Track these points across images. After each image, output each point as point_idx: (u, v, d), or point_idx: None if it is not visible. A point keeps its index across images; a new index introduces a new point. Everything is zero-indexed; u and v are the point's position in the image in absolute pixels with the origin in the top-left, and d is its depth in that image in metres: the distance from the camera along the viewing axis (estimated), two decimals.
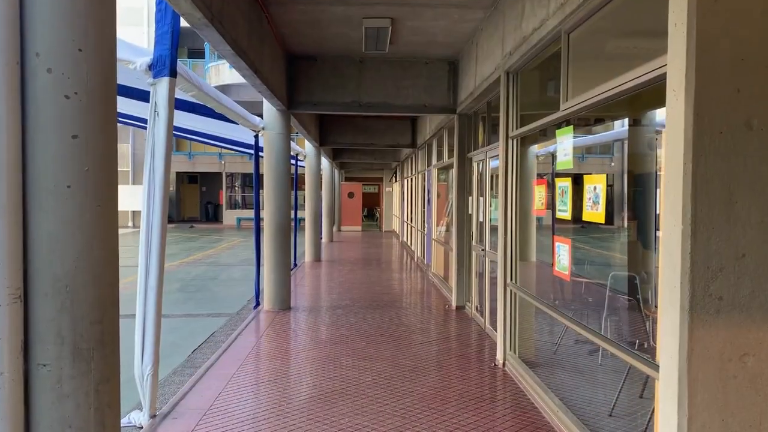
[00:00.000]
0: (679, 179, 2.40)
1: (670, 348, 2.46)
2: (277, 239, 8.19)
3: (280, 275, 8.22)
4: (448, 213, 10.40)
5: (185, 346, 6.74)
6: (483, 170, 7.26)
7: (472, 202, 7.93)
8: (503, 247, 5.58)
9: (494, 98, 6.74)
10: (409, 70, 8.23)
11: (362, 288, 10.23)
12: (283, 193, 8.23)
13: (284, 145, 8.24)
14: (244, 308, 8.90)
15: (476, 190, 7.76)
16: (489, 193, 6.95)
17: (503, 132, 5.54)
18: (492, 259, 6.85)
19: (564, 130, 4.11)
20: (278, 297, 8.24)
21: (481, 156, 7.28)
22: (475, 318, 7.66)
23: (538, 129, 4.71)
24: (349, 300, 9.05)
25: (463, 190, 8.31)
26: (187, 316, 8.44)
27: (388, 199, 27.63)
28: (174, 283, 11.55)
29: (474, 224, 7.90)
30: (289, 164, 8.37)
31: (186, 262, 15.09)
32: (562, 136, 4.12)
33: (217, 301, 9.70)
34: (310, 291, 9.96)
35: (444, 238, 10.49)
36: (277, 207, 8.19)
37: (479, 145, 7.62)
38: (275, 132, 8.18)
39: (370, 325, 7.33)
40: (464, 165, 8.28)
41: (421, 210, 14.05)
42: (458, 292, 8.37)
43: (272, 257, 8.20)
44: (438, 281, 10.64)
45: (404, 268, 13.46)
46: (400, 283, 11.00)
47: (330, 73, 8.18)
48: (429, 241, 12.10)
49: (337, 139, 14.19)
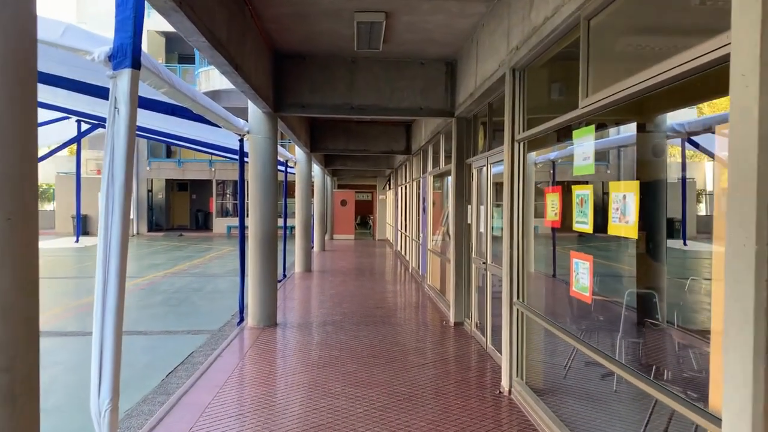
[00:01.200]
0: (752, 185, 1.89)
1: (739, 402, 1.94)
2: (262, 250, 7.64)
3: (265, 289, 7.66)
4: (444, 222, 9.89)
5: (160, 368, 6.17)
6: (483, 177, 6.76)
7: (472, 211, 7.43)
8: (508, 261, 5.07)
9: (496, 100, 6.25)
10: (404, 71, 7.74)
11: (354, 301, 9.68)
12: (269, 200, 7.70)
13: (271, 150, 7.71)
14: (227, 324, 8.33)
15: (476, 198, 7.26)
16: (490, 202, 6.44)
17: (508, 135, 5.04)
18: (494, 273, 6.33)
19: (583, 131, 3.61)
20: (264, 313, 7.68)
21: (482, 162, 6.78)
22: (476, 336, 7.13)
23: (551, 130, 4.21)
24: (341, 315, 8.50)
25: (462, 198, 7.80)
26: (166, 333, 7.86)
27: (381, 207, 27.11)
28: (156, 295, 10.96)
29: (473, 235, 7.39)
30: (275, 170, 7.84)
31: (171, 273, 14.49)
32: (581, 138, 3.61)
33: (200, 315, 9.12)
34: (299, 305, 9.40)
35: (440, 249, 9.97)
36: (262, 216, 7.64)
37: (479, 150, 7.12)
38: (261, 136, 7.65)
39: (363, 344, 6.79)
40: (463, 172, 7.78)
41: (415, 219, 13.54)
42: (456, 307, 7.84)
43: (257, 270, 7.65)
44: (434, 294, 10.11)
45: (398, 279, 12.92)
46: (395, 295, 10.46)
47: (320, 74, 7.67)
48: (424, 251, 11.58)
49: (328, 145, 13.67)
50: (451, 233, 8.01)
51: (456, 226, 7.80)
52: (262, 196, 7.65)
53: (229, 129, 7.23)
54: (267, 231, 7.66)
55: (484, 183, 6.81)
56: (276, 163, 7.85)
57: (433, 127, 9.85)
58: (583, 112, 3.52)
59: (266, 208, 7.67)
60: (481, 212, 6.88)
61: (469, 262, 7.68)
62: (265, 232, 7.64)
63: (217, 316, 8.90)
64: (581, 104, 3.55)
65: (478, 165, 7.06)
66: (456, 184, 7.80)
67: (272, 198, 7.73)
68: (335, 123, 13.61)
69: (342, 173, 25.86)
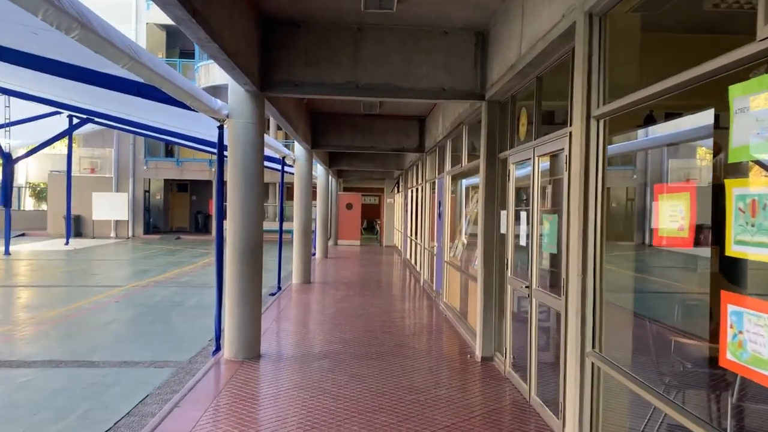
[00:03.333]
0: None
1: None
2: (243, 264, 6.11)
3: (246, 313, 6.13)
4: (466, 231, 8.33)
5: (99, 423, 4.64)
6: (528, 174, 5.21)
7: (507, 218, 5.87)
8: (579, 292, 3.51)
9: (550, 71, 4.70)
10: (422, 42, 6.20)
11: (357, 324, 8.12)
12: (252, 202, 6.17)
13: (255, 139, 6.19)
14: (200, 353, 6.79)
15: (512, 202, 5.71)
16: (537, 207, 4.88)
17: (581, 111, 3.49)
18: (541, 301, 4.77)
19: (756, 83, 2.05)
20: (243, 342, 6.15)
21: (525, 155, 5.22)
22: (512, 379, 5.56)
23: (676, 91, 2.65)
24: (340, 343, 6.95)
25: (493, 201, 6.25)
26: (123, 364, 6.33)
27: (389, 212, 25.55)
28: (129, 310, 9.45)
29: (509, 249, 5.82)
30: (261, 164, 6.32)
31: (155, 281, 12.99)
32: (751, 96, 2.06)
33: (172, 339, 7.59)
34: (292, 327, 7.85)
35: (462, 262, 8.40)
36: (244, 221, 6.12)
37: (520, 140, 5.56)
38: (243, 121, 6.13)
39: (367, 389, 5.23)
40: (495, 168, 6.23)
41: (428, 225, 11.98)
42: (485, 337, 6.27)
43: (236, 289, 6.12)
44: (452, 315, 8.54)
45: (408, 294, 11.35)
46: (405, 315, 8.90)
47: (317, 45, 6.15)
48: (440, 262, 10.02)
49: (331, 140, 12.15)
50: (478, 246, 6.45)
51: (485, 237, 6.25)
52: (244, 196, 6.13)
53: (201, 110, 5.72)
54: (249, 240, 6.13)
55: (528, 182, 5.26)
56: (262, 156, 6.33)
57: (453, 118, 8.30)
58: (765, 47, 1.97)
59: (248, 212, 6.15)
60: (522, 220, 5.32)
61: (502, 282, 6.12)
62: (246, 241, 6.12)
63: (192, 341, 7.37)
64: (761, 34, 1.99)
65: (518, 159, 5.51)
66: (486, 185, 6.25)
67: (256, 199, 6.21)
68: (339, 117, 12.09)
69: (348, 174, 24.35)
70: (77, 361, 6.41)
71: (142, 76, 4.18)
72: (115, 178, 29.05)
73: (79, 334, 7.69)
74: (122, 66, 3.86)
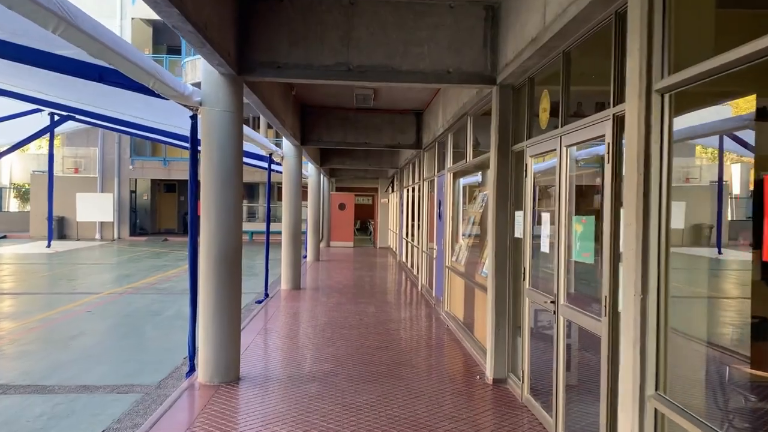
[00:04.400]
0: None
1: None
2: (218, 274, 5.30)
3: (222, 330, 5.32)
4: (468, 233, 7.55)
5: None
6: (550, 169, 4.44)
7: (524, 220, 5.09)
8: (638, 319, 2.72)
9: (579, 45, 3.92)
10: (425, 18, 5.41)
11: (351, 337, 7.32)
12: (229, 202, 5.37)
13: (233, 130, 5.38)
14: (172, 375, 5.97)
15: (530, 201, 4.93)
16: (565, 207, 4.10)
17: (639, 83, 2.71)
18: (574, 321, 3.99)
19: None
20: (219, 363, 5.33)
21: (547, 146, 4.45)
22: (531, 407, 4.78)
23: None
24: (331, 362, 6.15)
25: (506, 201, 5.46)
26: (82, 390, 5.50)
27: (383, 212, 24.75)
28: (102, 321, 8.61)
29: (526, 255, 5.04)
30: (239, 159, 5.51)
31: (135, 288, 12.13)
32: None
33: (142, 357, 6.76)
34: (278, 342, 7.04)
35: (465, 267, 7.61)
36: (219, 224, 5.31)
37: (541, 129, 4.77)
38: (218, 109, 5.32)
39: (361, 423, 4.44)
40: (508, 163, 5.44)
41: (426, 226, 11.20)
42: (497, 356, 5.48)
43: (211, 302, 5.31)
44: (455, 326, 7.75)
45: (405, 301, 10.56)
46: (402, 326, 8.10)
47: (304, 21, 5.35)
48: (440, 267, 9.23)
49: (322, 136, 11.34)
50: (488, 251, 5.66)
51: (497, 242, 5.46)
52: (220, 195, 5.32)
53: (167, 95, 4.91)
54: (226, 246, 5.33)
55: (550, 177, 4.49)
56: (240, 149, 5.52)
57: (456, 109, 7.51)
58: None
59: (225, 213, 5.34)
60: (546, 222, 4.54)
61: (517, 293, 5.33)
62: (222, 246, 5.31)
63: (165, 359, 6.55)
64: None
65: (538, 151, 4.73)
66: (497, 182, 5.46)
67: (234, 198, 5.40)
68: (331, 111, 11.28)
69: (340, 174, 23.53)
70: (29, 386, 5.57)
71: (82, 46, 3.37)
72: (100, 178, 28.07)
73: (38, 352, 6.84)
74: (52, 31, 3.04)
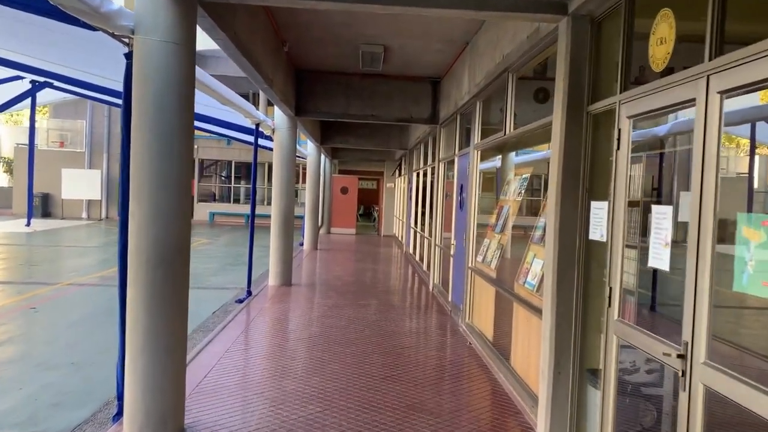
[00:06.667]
0: None
1: None
2: (151, 284, 3.61)
3: (156, 364, 3.64)
4: (501, 228, 5.84)
5: None
6: (663, 137, 2.70)
7: (610, 215, 3.36)
8: None
9: None
10: None
11: (347, 360, 5.65)
12: (170, 179, 3.67)
13: (179, 71, 3.65)
14: (94, 418, 4.30)
15: (625, 186, 3.20)
16: (713, 200, 2.38)
17: None
18: (709, 384, 2.27)
19: None
20: (152, 411, 3.65)
21: (672, 96, 2.71)
22: None
23: None
24: (318, 402, 4.47)
25: (576, 186, 3.74)
26: None
27: (389, 197, 23.01)
28: (39, 324, 6.95)
29: (615, 269, 3.31)
30: (189, 116, 3.80)
31: (101, 277, 10.47)
32: None
33: (70, 383, 5.09)
34: (250, 369, 5.36)
35: (497, 271, 5.88)
36: (154, 211, 3.61)
37: (654, 71, 3.00)
38: (158, 39, 3.59)
39: None
40: (581, 131, 3.72)
41: (442, 216, 9.48)
42: (555, 412, 3.78)
43: (141, 325, 3.62)
44: (481, 345, 6.06)
45: (415, 304, 8.88)
46: (414, 342, 6.42)
47: None
48: (460, 267, 7.54)
49: (321, 106, 9.58)
50: (546, 257, 3.94)
51: (560, 245, 3.75)
52: (155, 168, 3.62)
53: (76, 13, 3.18)
54: (164, 244, 3.63)
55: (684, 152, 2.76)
56: (191, 100, 3.81)
57: (491, 66, 5.77)
58: None
59: (164, 196, 3.64)
60: (664, 220, 2.80)
61: (591, 323, 3.63)
62: (158, 245, 3.61)
63: (97, 389, 4.89)
64: None
65: (644, 108, 2.99)
66: (564, 158, 3.73)
67: (178, 173, 3.70)
68: (331, 76, 9.52)
69: (343, 155, 21.77)
70: None
71: None
72: (88, 153, 26.37)
73: None
74: None
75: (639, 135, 3.25)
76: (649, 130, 3.41)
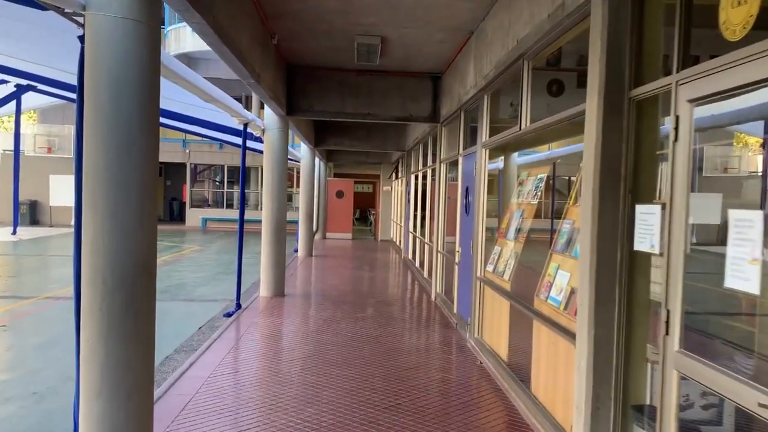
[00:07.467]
0: None
1: None
2: (107, 313, 2.99)
3: (115, 411, 3.02)
4: (516, 235, 5.23)
5: None
6: None
7: (664, 222, 2.75)
8: None
9: None
10: None
11: (344, 385, 5.02)
12: (129, 182, 3.05)
13: (139, 52, 3.04)
14: None
15: (686, 186, 2.60)
16: None
17: None
18: None
19: None
20: None
21: (760, 69, 2.11)
22: None
23: None
24: None
25: (617, 186, 3.14)
26: None
27: (386, 201, 22.40)
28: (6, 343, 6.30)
29: (675, 289, 2.70)
30: (155, 108, 3.19)
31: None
32: None
33: (18, 428, 4.46)
34: (234, 394, 4.72)
35: (512, 284, 5.26)
36: (110, 222, 3.00)
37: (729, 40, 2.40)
38: (112, 15, 2.98)
39: None
40: (622, 120, 3.12)
41: (444, 220, 8.88)
42: None
43: (97, 362, 3.00)
44: (494, 365, 5.44)
45: (417, 316, 8.26)
46: (418, 362, 5.80)
47: None
48: (467, 276, 6.93)
49: (314, 104, 8.98)
50: (580, 271, 3.33)
51: (598, 257, 3.14)
52: (113, 169, 3.01)
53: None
54: (123, 261, 3.01)
55: None
56: (157, 89, 3.19)
57: (502, 55, 5.18)
58: None
59: (123, 202, 3.02)
60: (751, 231, 2.19)
61: (635, 350, 3.02)
62: (116, 263, 2.99)
63: (51, 430, 4.25)
64: None
65: (714, 88, 2.39)
66: (602, 153, 3.13)
67: (141, 176, 3.08)
68: (325, 72, 8.92)
69: (338, 158, 21.15)
70: None
71: None
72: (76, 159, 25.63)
73: None
74: None
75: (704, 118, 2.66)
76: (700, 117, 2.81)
